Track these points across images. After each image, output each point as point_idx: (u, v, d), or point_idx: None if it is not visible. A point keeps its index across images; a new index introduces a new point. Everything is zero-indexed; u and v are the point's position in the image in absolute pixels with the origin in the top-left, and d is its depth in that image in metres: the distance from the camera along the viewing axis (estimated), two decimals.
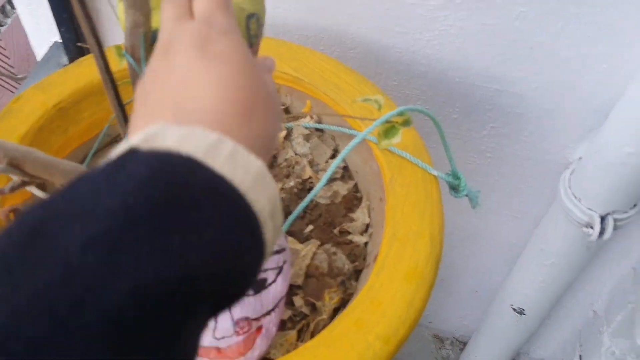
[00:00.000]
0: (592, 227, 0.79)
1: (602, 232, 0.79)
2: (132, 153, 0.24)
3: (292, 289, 0.59)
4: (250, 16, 0.45)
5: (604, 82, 0.73)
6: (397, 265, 0.54)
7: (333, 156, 0.70)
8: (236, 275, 0.25)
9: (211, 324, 0.47)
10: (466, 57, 0.77)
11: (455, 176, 0.63)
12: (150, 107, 0.31)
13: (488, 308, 1.20)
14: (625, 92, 0.69)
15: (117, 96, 0.47)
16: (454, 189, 0.64)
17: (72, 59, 0.92)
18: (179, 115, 0.29)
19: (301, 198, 0.66)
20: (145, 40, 0.46)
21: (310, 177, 0.68)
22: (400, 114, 0.56)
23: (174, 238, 0.22)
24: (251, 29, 0.45)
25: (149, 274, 0.21)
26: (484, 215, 1.03)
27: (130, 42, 0.45)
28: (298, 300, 0.58)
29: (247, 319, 0.48)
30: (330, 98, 0.68)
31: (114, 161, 0.24)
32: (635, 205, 0.80)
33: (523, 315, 1.06)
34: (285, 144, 0.70)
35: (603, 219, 0.79)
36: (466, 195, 0.65)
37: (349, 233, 0.64)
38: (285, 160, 0.70)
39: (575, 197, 0.80)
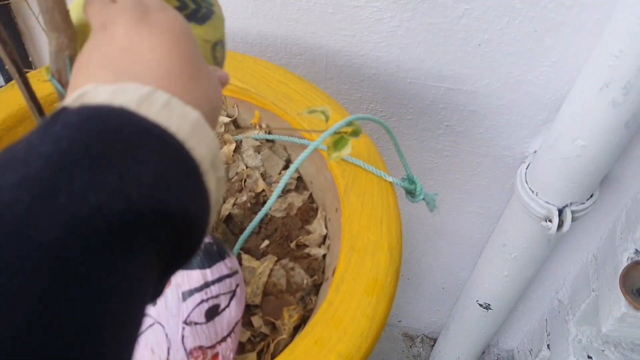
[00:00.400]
0: (550, 221, 0.78)
1: (560, 225, 0.79)
2: (64, 110, 0.24)
3: (249, 309, 0.57)
4: (215, 44, 0.43)
5: (553, 76, 0.73)
6: (356, 279, 0.53)
7: (286, 167, 0.68)
8: (181, 216, 0.24)
9: (163, 355, 0.44)
10: (415, 57, 0.75)
11: (411, 181, 0.61)
12: (90, 73, 0.30)
13: (455, 304, 1.19)
14: (574, 85, 0.69)
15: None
16: (411, 194, 0.63)
17: (8, 80, 0.88)
18: (120, 76, 0.28)
19: (255, 212, 0.64)
20: (71, 64, 0.43)
21: (263, 190, 0.66)
22: (349, 123, 0.54)
23: (111, 174, 0.21)
24: (217, 56, 0.43)
25: (86, 207, 0.20)
26: (447, 212, 1.02)
27: (55, 66, 0.43)
28: (257, 321, 0.56)
29: (200, 347, 0.45)
30: (279, 108, 0.66)
31: (45, 120, 0.23)
32: (591, 196, 0.80)
33: (489, 310, 1.05)
34: (236, 157, 0.68)
35: (561, 211, 0.79)
36: (423, 199, 0.63)
37: (307, 246, 0.62)
38: (237, 174, 0.68)
39: (533, 191, 0.80)
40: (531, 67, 0.73)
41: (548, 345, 1.15)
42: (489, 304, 1.04)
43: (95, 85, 0.26)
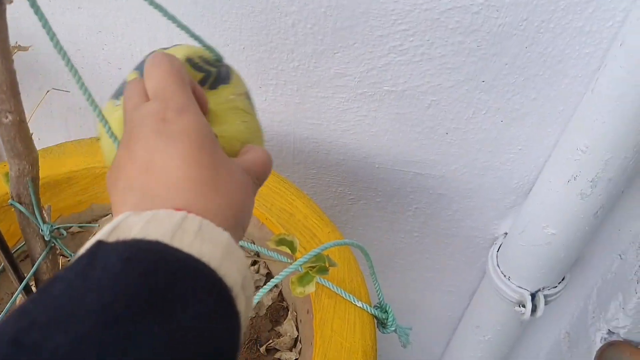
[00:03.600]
0: (524, 306, 0.78)
1: (534, 310, 0.78)
2: (100, 246, 0.25)
3: None
4: (243, 94, 0.42)
5: (519, 162, 0.73)
6: None
7: (254, 263, 0.66)
8: (219, 350, 0.25)
9: None
10: (383, 144, 0.75)
11: (383, 310, 0.59)
12: (119, 198, 0.31)
13: None
14: (541, 174, 0.69)
15: (7, 252, 0.42)
16: (382, 324, 0.60)
17: None
18: (145, 201, 0.29)
19: None
20: (33, 186, 0.41)
21: None
22: (317, 259, 0.52)
23: (154, 329, 0.22)
24: (248, 105, 0.43)
25: None
26: (420, 290, 1.01)
27: (16, 190, 0.41)
28: None
29: None
30: (256, 209, 0.65)
31: (83, 256, 0.25)
32: (563, 279, 0.79)
33: None
34: None
35: (533, 295, 0.78)
36: (394, 331, 0.61)
37: (277, 350, 0.59)
38: None
39: (505, 275, 0.79)
40: (498, 154, 0.73)
41: None
42: None
43: (127, 215, 0.27)
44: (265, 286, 0.52)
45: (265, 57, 0.69)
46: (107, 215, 0.70)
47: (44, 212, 0.43)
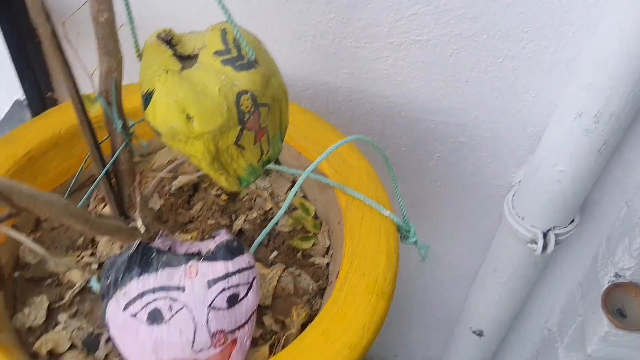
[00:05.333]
0: (536, 243, 0.85)
1: (545, 247, 0.85)
2: None
3: (261, 310, 0.63)
4: (241, 93, 0.48)
5: (533, 110, 0.81)
6: (358, 281, 0.59)
7: (291, 187, 0.74)
8: None
9: (189, 337, 0.50)
10: (409, 92, 0.84)
11: (406, 222, 0.67)
12: None
13: (450, 335, 1.24)
14: (552, 117, 0.77)
15: (94, 136, 0.51)
16: (404, 236, 0.67)
17: (35, 114, 0.95)
18: None
19: (264, 227, 0.70)
20: (116, 86, 0.50)
21: (271, 208, 0.72)
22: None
23: None
24: (243, 105, 0.48)
25: None
26: (441, 241, 1.08)
27: (104, 86, 0.50)
28: (267, 320, 0.62)
29: (222, 331, 0.51)
30: (288, 135, 0.73)
31: None
32: (572, 221, 0.86)
33: (482, 337, 1.10)
34: None
35: (545, 234, 0.85)
36: (414, 244, 0.69)
37: (312, 256, 0.68)
38: (247, 194, 0.74)
39: (519, 216, 0.87)
40: (513, 102, 0.81)
41: None
42: (482, 331, 1.09)
43: None
44: (301, 177, 0.61)
45: (304, 9, 0.77)
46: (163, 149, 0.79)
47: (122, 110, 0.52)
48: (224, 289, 0.51)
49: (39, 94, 0.93)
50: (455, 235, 1.06)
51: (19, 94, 0.95)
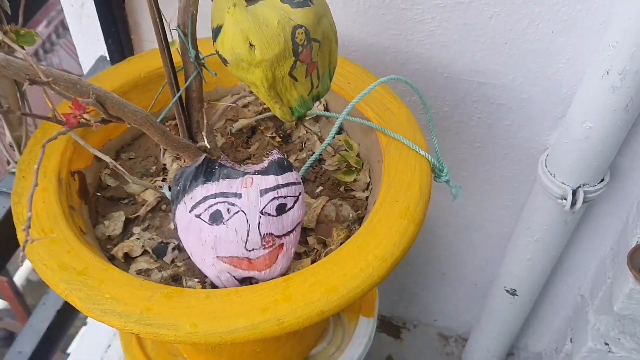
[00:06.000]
0: (565, 199, 0.91)
1: (574, 203, 0.91)
2: None
3: (305, 232, 0.71)
4: (296, 27, 0.57)
5: (567, 73, 0.86)
6: (392, 207, 0.67)
7: (339, 132, 0.83)
8: None
9: (244, 236, 0.59)
10: (452, 54, 0.90)
11: (439, 161, 0.74)
12: None
13: (485, 299, 1.30)
14: (583, 77, 0.82)
15: (172, 62, 0.61)
16: (437, 175, 0.75)
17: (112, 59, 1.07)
18: None
19: (312, 166, 0.79)
20: (192, 19, 0.60)
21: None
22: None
23: None
24: (297, 38, 0.57)
25: None
26: (478, 204, 1.15)
27: (182, 19, 0.59)
28: (311, 240, 0.70)
29: (271, 235, 0.60)
30: (337, 85, 0.82)
31: None
32: (602, 180, 0.92)
33: (515, 296, 1.16)
34: (299, 125, 0.84)
35: (575, 191, 0.91)
36: (447, 182, 0.76)
37: (353, 190, 0.76)
38: (299, 137, 0.83)
39: (551, 174, 0.92)
40: (548, 64, 0.87)
41: (571, 339, 1.24)
42: (515, 290, 1.15)
43: None
44: (343, 112, 0.69)
45: None
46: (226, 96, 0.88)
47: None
48: (274, 198, 0.60)
49: (120, 50, 1.04)
50: (492, 198, 1.12)
51: (103, 50, 1.07)
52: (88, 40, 1.08)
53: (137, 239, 0.72)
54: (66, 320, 1.04)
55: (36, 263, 0.63)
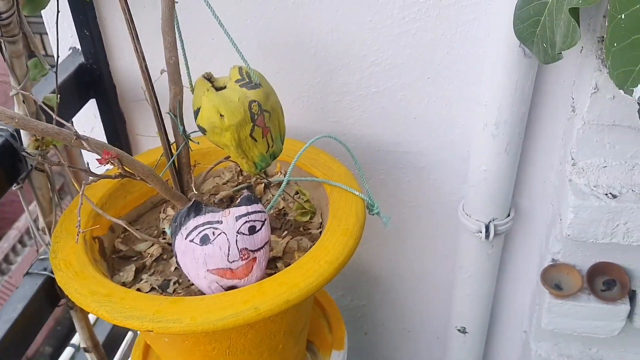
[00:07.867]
0: (481, 232, 1.14)
1: (488, 235, 1.14)
2: None
3: (275, 260, 0.94)
4: (252, 101, 0.84)
5: (464, 134, 1.14)
6: (336, 229, 0.90)
7: (296, 193, 1.07)
8: None
9: (226, 251, 0.81)
10: (377, 131, 1.18)
11: (370, 198, 0.99)
12: None
13: (445, 346, 1.48)
14: (474, 132, 1.10)
15: (167, 139, 0.87)
16: (369, 208, 0.99)
17: None
18: None
19: (277, 217, 1.03)
20: (179, 105, 0.86)
21: (283, 207, 1.05)
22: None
23: None
24: (253, 109, 0.84)
25: None
26: (422, 258, 1.37)
27: (172, 104, 0.86)
28: (279, 264, 0.93)
29: (246, 249, 0.82)
30: (290, 157, 1.08)
31: None
32: (509, 215, 1.16)
33: (466, 333, 1.35)
34: (266, 191, 1.09)
35: (487, 226, 1.15)
36: (377, 214, 1.00)
37: (310, 229, 1.00)
38: (267, 200, 1.07)
39: (467, 214, 1.17)
40: (449, 130, 1.14)
41: None
42: (465, 327, 1.34)
43: None
44: (293, 161, 0.94)
45: (298, 78, 1.14)
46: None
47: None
48: (246, 221, 0.83)
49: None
50: (433, 249, 1.35)
51: None
52: None
53: (146, 281, 0.94)
54: None
55: (72, 294, 0.84)
